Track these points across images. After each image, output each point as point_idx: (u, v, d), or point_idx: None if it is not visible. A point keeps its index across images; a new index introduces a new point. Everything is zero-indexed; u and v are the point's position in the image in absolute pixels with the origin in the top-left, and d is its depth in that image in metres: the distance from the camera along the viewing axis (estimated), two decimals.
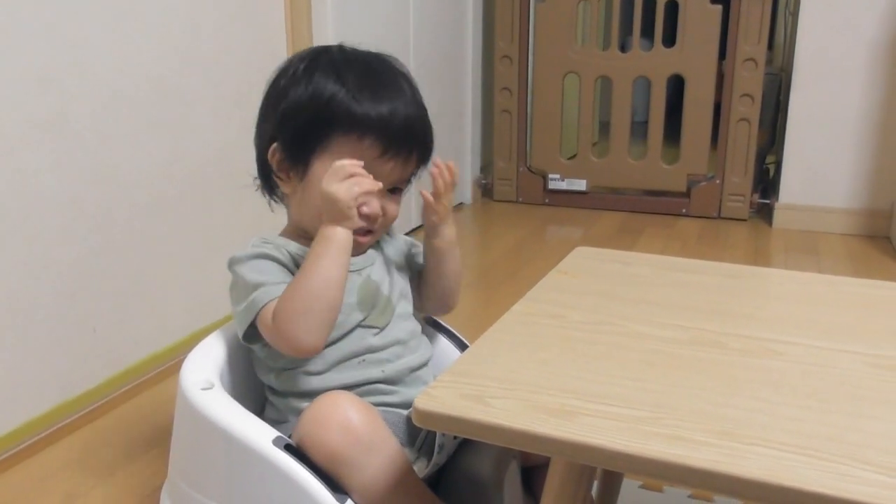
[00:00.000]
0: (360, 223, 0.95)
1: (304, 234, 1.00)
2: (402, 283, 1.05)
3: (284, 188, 1.00)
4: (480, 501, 0.92)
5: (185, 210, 1.67)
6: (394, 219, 1.02)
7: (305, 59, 0.99)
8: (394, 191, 1.01)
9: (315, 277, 0.89)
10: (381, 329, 0.99)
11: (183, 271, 1.69)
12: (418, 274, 1.10)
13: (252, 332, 0.95)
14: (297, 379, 0.96)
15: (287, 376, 0.97)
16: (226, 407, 0.91)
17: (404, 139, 0.97)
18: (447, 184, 1.01)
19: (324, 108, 0.94)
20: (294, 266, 0.96)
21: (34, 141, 1.33)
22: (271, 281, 0.93)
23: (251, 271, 0.94)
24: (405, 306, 1.04)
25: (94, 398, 1.49)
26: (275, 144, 0.98)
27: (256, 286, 0.93)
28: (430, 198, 1.01)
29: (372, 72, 0.98)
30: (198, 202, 1.69)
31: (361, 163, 0.91)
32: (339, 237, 0.91)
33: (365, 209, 0.97)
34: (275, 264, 0.95)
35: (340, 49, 1.01)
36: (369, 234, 1.00)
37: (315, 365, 0.96)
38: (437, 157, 1.03)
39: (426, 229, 1.05)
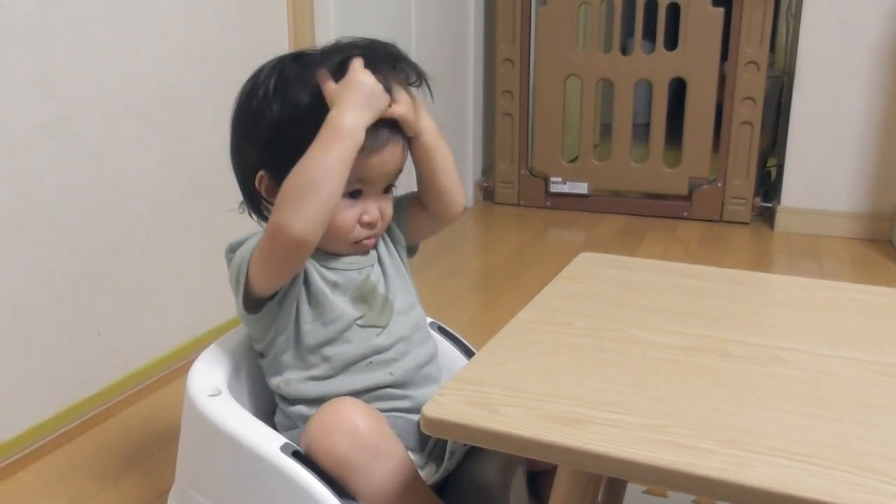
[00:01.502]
0: (359, 234, 0.96)
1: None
2: (399, 278, 1.04)
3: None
4: None
5: (188, 213, 1.67)
6: (390, 218, 1.00)
7: (272, 75, 0.94)
8: (386, 190, 0.99)
9: (318, 166, 0.86)
10: (384, 328, 0.98)
11: (187, 274, 1.69)
12: (411, 201, 1.06)
13: (251, 304, 0.94)
14: (305, 385, 0.96)
15: (295, 383, 0.97)
16: (233, 413, 0.91)
17: (392, 130, 0.94)
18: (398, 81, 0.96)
19: (308, 122, 0.90)
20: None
21: (37, 144, 1.33)
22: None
23: (248, 247, 0.94)
24: (405, 299, 1.02)
25: (99, 402, 1.49)
26: (261, 173, 0.95)
27: (250, 238, 0.94)
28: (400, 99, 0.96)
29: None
30: (201, 205, 1.69)
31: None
32: (351, 129, 0.87)
33: (366, 217, 0.96)
34: None
35: (300, 55, 0.96)
36: (371, 237, 0.99)
37: (322, 370, 0.96)
38: None
39: (407, 131, 0.99)
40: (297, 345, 0.96)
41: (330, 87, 0.90)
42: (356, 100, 0.88)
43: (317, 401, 0.94)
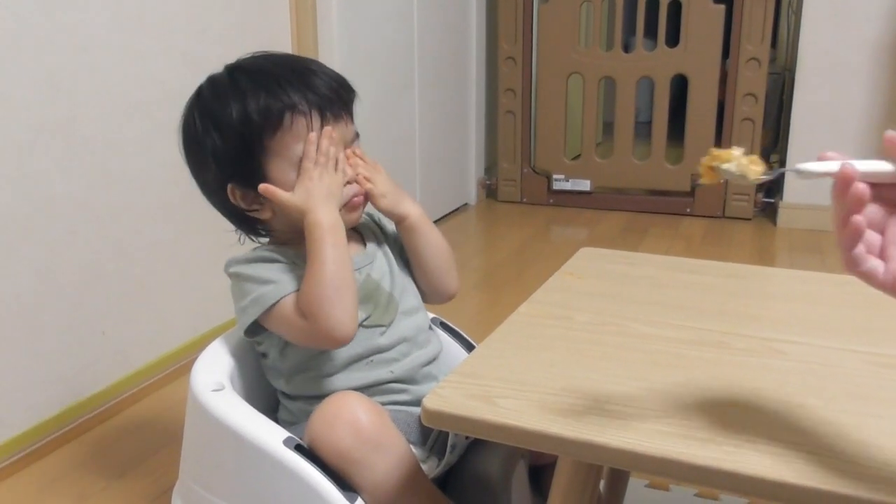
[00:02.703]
0: (347, 194, 0.96)
1: (297, 237, 0.99)
2: (404, 278, 1.05)
3: (262, 215, 0.98)
4: (488, 501, 0.93)
5: (192, 213, 1.68)
6: (374, 173, 1.00)
7: (194, 107, 0.98)
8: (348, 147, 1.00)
9: (333, 266, 0.90)
10: (387, 327, 0.99)
11: (191, 273, 1.70)
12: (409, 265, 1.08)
13: (254, 327, 0.95)
14: (308, 382, 0.97)
15: (297, 380, 0.98)
16: (236, 408, 0.92)
17: (327, 100, 0.95)
18: (366, 165, 1.00)
19: (244, 125, 0.92)
20: (295, 265, 0.96)
21: (43, 145, 1.34)
22: (281, 279, 0.94)
23: (255, 269, 0.95)
24: (409, 301, 1.03)
25: (103, 400, 1.50)
26: (230, 184, 0.96)
27: (265, 282, 0.93)
28: (367, 184, 0.99)
29: (256, 68, 0.97)
30: (205, 205, 1.69)
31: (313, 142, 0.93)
32: (328, 219, 0.91)
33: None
34: (277, 263, 0.96)
35: (211, 79, 0.99)
36: (360, 204, 1.00)
37: (324, 367, 0.97)
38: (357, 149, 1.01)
39: (388, 216, 1.03)
40: (300, 348, 0.97)
41: (283, 196, 0.93)
42: (321, 199, 0.92)
43: (319, 397, 0.94)
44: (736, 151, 0.62)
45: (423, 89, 2.63)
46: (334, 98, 0.96)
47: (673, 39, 2.90)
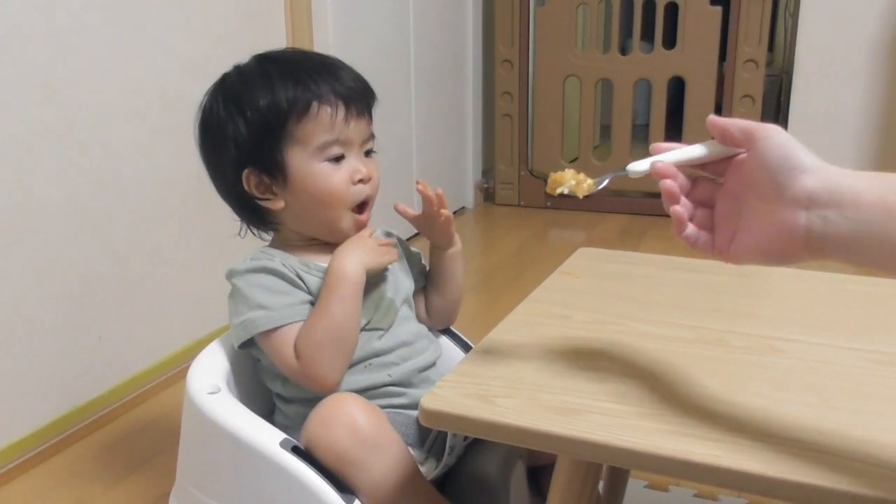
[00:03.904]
0: (358, 193, 0.97)
1: (302, 242, 1.00)
2: (406, 288, 1.05)
3: (274, 205, 0.97)
4: (487, 501, 0.93)
5: (188, 217, 1.68)
6: (378, 183, 1.01)
7: (218, 91, 0.99)
8: (367, 154, 1.00)
9: (340, 318, 0.91)
10: (386, 331, 0.99)
11: (187, 278, 1.69)
12: (423, 289, 1.11)
13: (247, 343, 0.96)
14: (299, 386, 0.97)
15: (293, 385, 0.97)
16: (233, 410, 0.91)
17: (353, 94, 0.96)
18: (441, 202, 1.03)
19: (270, 110, 0.93)
20: (297, 279, 0.95)
21: (38, 149, 1.34)
22: (274, 306, 0.93)
23: (253, 286, 0.94)
24: (408, 310, 1.04)
25: (100, 406, 1.49)
26: (246, 170, 0.95)
27: (259, 306, 0.93)
28: (446, 213, 1.03)
29: (285, 59, 0.99)
30: (201, 209, 1.70)
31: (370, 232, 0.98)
32: (353, 271, 0.93)
33: (357, 175, 0.97)
34: (278, 279, 0.94)
35: (238, 66, 1.00)
36: (366, 208, 1.00)
37: None
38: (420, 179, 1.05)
39: (445, 240, 1.06)
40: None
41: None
42: (356, 250, 0.95)
43: (315, 400, 0.94)
44: (568, 174, 0.71)
45: (420, 93, 2.63)
46: (360, 94, 0.97)
47: (670, 41, 2.90)
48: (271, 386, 1.01)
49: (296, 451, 0.86)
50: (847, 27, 2.62)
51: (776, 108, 3.11)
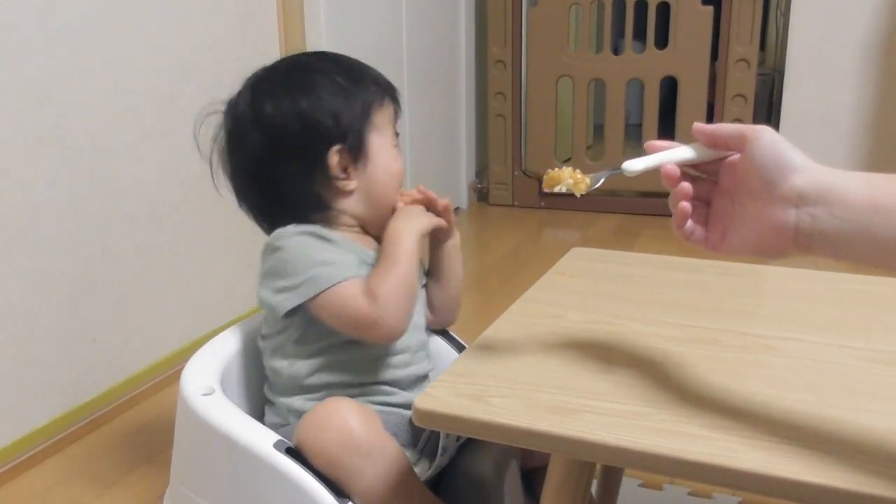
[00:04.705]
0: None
1: (349, 229, 1.01)
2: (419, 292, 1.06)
3: (347, 186, 0.99)
4: (481, 501, 0.93)
5: (183, 219, 1.67)
6: None
7: (308, 68, 1.02)
8: None
9: (407, 273, 0.94)
10: None
11: (182, 280, 1.69)
12: (424, 286, 1.11)
13: (295, 308, 0.94)
14: (307, 370, 0.96)
15: (298, 367, 0.96)
16: (227, 412, 0.91)
17: (396, 94, 1.05)
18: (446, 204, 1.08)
19: (364, 92, 1.00)
20: (347, 251, 0.97)
21: (33, 152, 1.33)
22: (339, 262, 0.94)
23: (309, 247, 0.94)
24: (418, 317, 1.05)
25: (96, 408, 1.49)
26: (337, 146, 0.98)
27: (323, 262, 0.93)
28: (444, 202, 1.07)
29: (343, 57, 1.06)
30: (196, 211, 1.70)
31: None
32: (413, 243, 0.98)
33: (396, 166, 1.03)
34: (330, 244, 0.96)
35: (307, 54, 1.09)
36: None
37: (328, 360, 0.97)
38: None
39: (445, 230, 1.08)
40: (319, 336, 0.96)
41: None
42: (409, 219, 1.01)
43: (311, 388, 0.94)
44: (566, 172, 0.72)
45: (413, 94, 2.63)
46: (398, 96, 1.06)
47: (662, 41, 2.91)
48: (276, 363, 0.98)
49: (290, 452, 0.86)
50: (838, 26, 2.63)
51: (768, 107, 3.12)
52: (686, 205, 0.68)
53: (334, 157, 0.98)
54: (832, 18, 2.63)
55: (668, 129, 2.97)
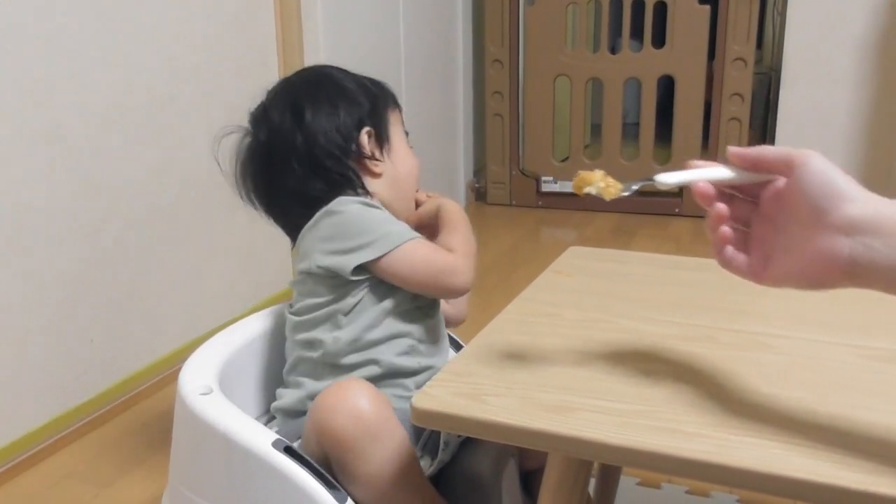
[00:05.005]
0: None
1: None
2: None
3: (376, 169, 1.05)
4: (479, 499, 0.93)
5: (179, 219, 1.67)
6: None
7: (325, 70, 1.11)
8: None
9: (470, 236, 1.04)
10: (433, 320, 1.05)
11: (179, 280, 1.69)
12: None
13: (361, 269, 0.97)
14: (351, 345, 0.98)
15: (343, 342, 0.98)
16: (225, 411, 0.91)
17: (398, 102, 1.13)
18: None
19: (379, 88, 1.09)
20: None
21: (28, 153, 1.33)
22: (403, 223, 1.01)
23: (372, 211, 1.00)
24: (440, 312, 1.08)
25: (93, 408, 1.49)
26: (367, 128, 1.04)
27: (391, 221, 0.99)
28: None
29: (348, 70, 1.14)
30: (192, 211, 1.70)
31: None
32: (465, 215, 1.09)
33: (413, 160, 1.11)
34: (386, 212, 1.02)
35: (319, 67, 1.15)
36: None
37: (374, 335, 0.99)
38: None
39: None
40: (371, 306, 0.98)
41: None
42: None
43: (344, 368, 0.98)
44: (597, 175, 0.70)
45: (410, 93, 2.63)
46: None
47: (659, 40, 2.91)
48: (314, 341, 1.00)
49: (288, 451, 0.86)
50: (834, 25, 2.63)
51: (765, 106, 3.12)
52: (726, 230, 0.65)
53: (364, 137, 1.04)
54: (829, 17, 2.64)
55: (665, 129, 2.98)
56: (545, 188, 3.13)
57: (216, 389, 0.95)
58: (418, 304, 1.02)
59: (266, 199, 1.06)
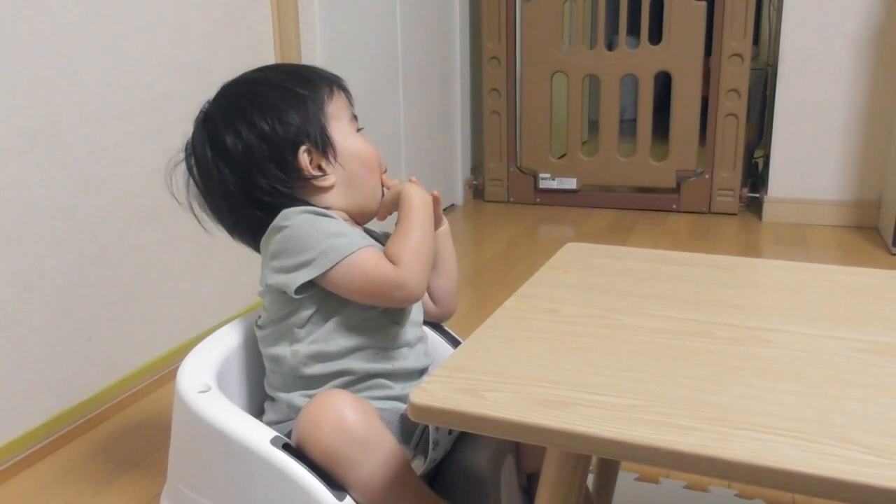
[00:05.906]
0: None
1: (352, 221, 1.04)
2: None
3: (326, 182, 1.01)
4: (478, 495, 0.93)
5: (176, 218, 1.67)
6: None
7: (259, 83, 1.05)
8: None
9: (424, 235, 0.98)
10: (401, 325, 1.02)
11: (176, 278, 1.69)
12: None
13: (306, 284, 0.94)
14: (312, 355, 0.97)
15: (303, 354, 0.97)
16: (223, 409, 0.91)
17: (343, 83, 1.08)
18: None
19: (309, 95, 1.02)
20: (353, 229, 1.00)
21: (25, 151, 1.33)
22: (350, 234, 0.96)
23: (322, 222, 0.95)
24: (416, 314, 1.06)
25: (91, 407, 1.49)
26: (304, 146, 1.00)
27: (336, 234, 0.94)
28: (434, 194, 1.07)
29: (283, 68, 1.13)
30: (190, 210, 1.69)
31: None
32: (426, 204, 1.02)
33: (366, 148, 1.05)
34: (335, 221, 0.97)
35: (238, 80, 1.09)
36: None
37: (334, 346, 0.97)
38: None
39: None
40: (326, 318, 0.97)
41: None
42: (414, 187, 1.04)
43: (311, 381, 0.96)
44: None
45: (408, 91, 2.63)
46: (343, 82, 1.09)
47: (656, 37, 2.91)
48: (276, 350, 0.99)
49: (287, 448, 0.86)
50: (831, 20, 2.64)
51: (762, 102, 3.12)
52: None
53: (304, 158, 1.00)
54: (825, 13, 2.64)
55: (662, 125, 2.98)
56: (543, 185, 3.13)
57: (214, 387, 0.95)
58: (378, 312, 0.99)
59: (224, 226, 1.06)
